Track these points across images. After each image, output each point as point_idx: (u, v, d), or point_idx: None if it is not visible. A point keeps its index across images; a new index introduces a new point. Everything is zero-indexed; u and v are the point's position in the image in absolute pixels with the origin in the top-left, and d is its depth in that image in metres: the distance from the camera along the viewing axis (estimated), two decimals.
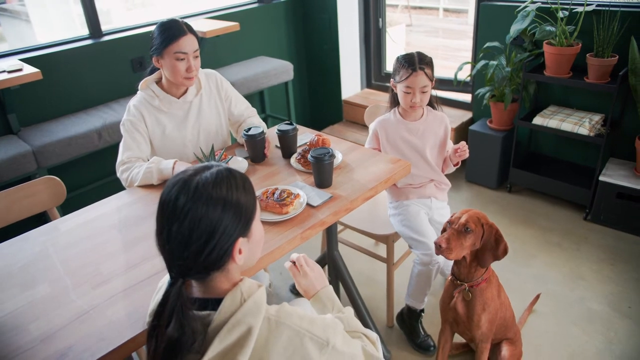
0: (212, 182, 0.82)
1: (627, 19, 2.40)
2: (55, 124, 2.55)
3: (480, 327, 1.52)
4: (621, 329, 1.98)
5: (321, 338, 0.86)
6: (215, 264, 0.83)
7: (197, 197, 0.80)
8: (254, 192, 0.90)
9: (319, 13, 3.63)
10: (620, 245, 2.47)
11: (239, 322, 0.80)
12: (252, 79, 3.16)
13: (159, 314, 0.81)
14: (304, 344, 0.84)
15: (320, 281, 1.13)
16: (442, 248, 1.40)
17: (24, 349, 1.04)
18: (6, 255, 1.38)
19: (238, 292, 0.83)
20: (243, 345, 0.78)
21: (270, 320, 0.83)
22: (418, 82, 1.77)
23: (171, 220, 0.81)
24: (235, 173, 0.87)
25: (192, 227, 0.80)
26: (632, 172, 2.53)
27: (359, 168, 1.70)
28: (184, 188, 0.81)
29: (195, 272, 0.84)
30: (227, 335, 0.79)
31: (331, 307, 1.09)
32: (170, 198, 0.82)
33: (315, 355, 0.84)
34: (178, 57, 1.66)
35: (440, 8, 5.98)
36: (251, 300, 0.82)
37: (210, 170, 0.84)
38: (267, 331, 0.82)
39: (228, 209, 0.82)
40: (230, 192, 0.83)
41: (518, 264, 2.37)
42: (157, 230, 0.84)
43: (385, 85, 3.85)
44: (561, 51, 2.47)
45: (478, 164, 3.02)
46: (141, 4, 4.29)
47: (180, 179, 0.83)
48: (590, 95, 2.70)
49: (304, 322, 0.86)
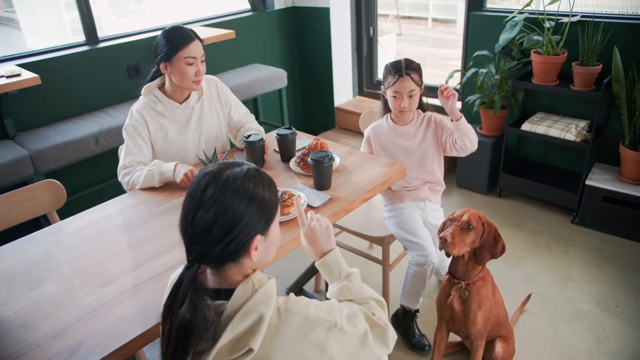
0: (242, 177, 0.86)
1: (609, 29, 2.50)
2: (51, 129, 2.56)
3: (476, 324, 1.57)
4: (609, 327, 2.05)
5: (328, 320, 0.89)
6: (231, 256, 0.87)
7: (225, 189, 0.84)
8: (277, 193, 0.93)
9: (312, 22, 3.70)
10: (606, 247, 2.55)
11: (251, 309, 0.83)
12: (247, 86, 3.20)
13: (173, 294, 0.85)
14: (313, 328, 0.87)
15: (327, 242, 1.11)
16: (447, 242, 1.45)
17: (35, 345, 1.06)
18: (11, 257, 1.39)
19: (250, 282, 0.87)
20: (255, 332, 0.82)
21: (280, 309, 0.87)
22: (405, 87, 1.84)
23: (197, 207, 0.85)
24: (263, 173, 0.92)
25: (217, 216, 0.84)
26: (617, 177, 2.62)
27: (356, 171, 1.75)
28: (214, 179, 0.86)
29: (211, 260, 0.87)
30: (239, 322, 0.82)
31: (338, 273, 1.09)
32: (200, 187, 0.86)
33: (323, 337, 0.88)
34: (188, 62, 1.70)
35: (429, 18, 6.10)
36: (262, 290, 0.86)
37: (241, 166, 0.89)
38: (277, 319, 0.86)
39: (253, 205, 0.86)
40: (257, 189, 0.87)
41: (509, 266, 2.44)
42: (182, 214, 0.88)
43: (377, 92, 3.93)
44: (548, 60, 2.56)
45: (469, 169, 3.09)
46: (132, 12, 4.31)
47: (211, 171, 0.88)
48: (576, 102, 2.80)
49: (310, 308, 0.90)
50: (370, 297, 1.07)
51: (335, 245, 1.14)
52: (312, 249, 1.12)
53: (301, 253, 2.56)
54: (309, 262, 2.15)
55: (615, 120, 2.68)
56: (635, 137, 2.50)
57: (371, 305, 1.05)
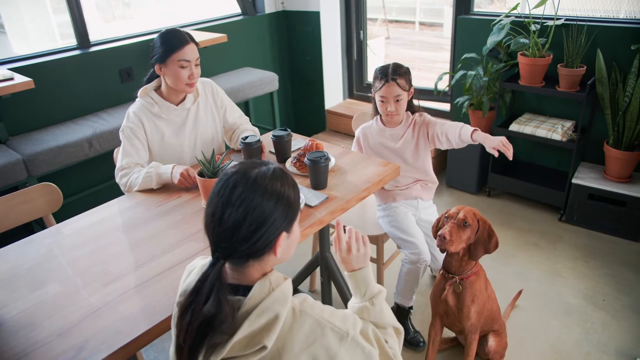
0: (270, 176, 0.89)
1: (593, 32, 2.58)
2: (44, 133, 2.56)
3: (470, 318, 1.61)
4: (597, 321, 2.11)
5: (341, 329, 0.90)
6: (257, 253, 0.89)
7: (254, 188, 0.86)
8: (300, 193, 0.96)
9: (302, 26, 3.74)
10: (592, 243, 2.62)
11: (267, 308, 0.85)
12: (239, 89, 3.23)
13: (196, 290, 0.86)
14: (325, 333, 0.88)
15: (360, 262, 1.12)
16: (446, 240, 1.49)
17: (41, 344, 1.08)
18: (11, 258, 1.40)
19: (267, 281, 0.89)
20: (270, 330, 0.84)
21: (295, 309, 0.89)
22: (391, 92, 1.88)
23: (225, 205, 0.87)
24: (288, 173, 0.94)
25: (246, 214, 0.86)
26: (602, 175, 2.69)
27: (351, 171, 1.78)
28: (242, 178, 0.88)
29: (237, 257, 0.89)
30: (256, 319, 0.84)
31: (364, 291, 1.10)
32: (228, 185, 0.88)
33: (335, 345, 0.89)
34: (182, 65, 1.72)
35: (416, 22, 6.19)
36: (279, 290, 0.88)
37: (267, 166, 0.91)
38: (291, 319, 0.88)
39: (280, 204, 0.88)
40: (284, 188, 0.89)
41: (499, 263, 2.49)
42: (208, 212, 0.90)
43: (367, 95, 3.98)
44: (534, 62, 2.63)
45: (458, 169, 3.15)
46: (120, 16, 4.30)
47: (240, 169, 0.89)
48: (562, 103, 2.87)
49: (325, 313, 0.91)
50: (389, 324, 1.08)
51: (369, 263, 1.14)
52: (344, 263, 1.14)
53: (296, 254, 2.59)
54: (305, 262, 2.18)
55: (599, 120, 2.76)
56: (619, 136, 2.58)
57: (387, 332, 1.06)
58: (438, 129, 1.93)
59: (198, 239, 1.43)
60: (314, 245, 2.35)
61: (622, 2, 2.79)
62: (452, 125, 1.90)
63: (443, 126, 1.92)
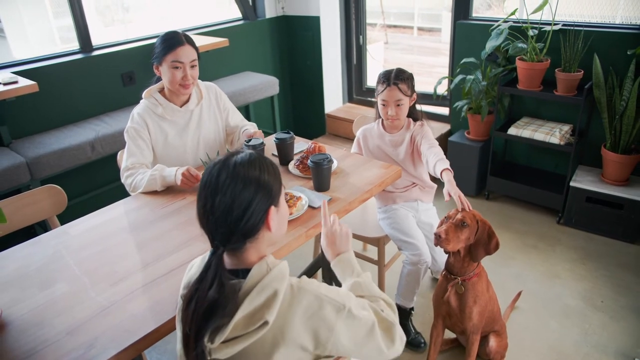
0: (248, 162, 0.95)
1: (589, 37, 2.62)
2: (47, 136, 2.57)
3: (472, 319, 1.63)
4: (595, 322, 2.13)
5: (338, 301, 0.95)
6: (252, 231, 0.95)
7: (235, 174, 0.93)
8: (280, 174, 1.02)
9: (302, 30, 3.77)
10: (590, 245, 2.65)
11: (266, 286, 0.91)
12: (240, 93, 3.25)
13: (201, 279, 0.92)
14: (323, 306, 0.93)
15: (344, 245, 1.19)
16: (441, 238, 1.52)
17: (51, 342, 1.09)
18: (19, 259, 1.42)
19: (264, 263, 0.95)
20: (270, 305, 0.89)
21: (293, 286, 0.94)
22: (392, 96, 1.91)
23: (214, 193, 0.93)
24: (264, 157, 1.01)
25: (234, 197, 0.92)
26: (599, 178, 2.73)
27: (353, 173, 1.81)
28: (224, 166, 0.95)
29: (235, 240, 0.94)
30: (256, 297, 0.89)
31: (350, 271, 1.16)
32: (213, 175, 0.94)
33: (333, 317, 0.93)
34: (175, 66, 1.76)
35: (415, 27, 6.24)
36: (277, 269, 0.94)
37: (244, 153, 0.99)
38: (290, 295, 0.93)
39: (261, 187, 0.95)
40: (263, 172, 0.96)
41: (499, 265, 2.52)
42: (200, 205, 0.96)
43: (366, 99, 4.01)
44: (532, 66, 2.67)
45: (457, 173, 3.14)
46: (120, 21, 4.33)
47: (220, 160, 0.97)
48: (560, 107, 2.91)
49: (321, 288, 0.96)
50: (380, 297, 1.12)
51: (351, 248, 1.21)
52: (330, 249, 1.20)
53: (302, 253, 2.61)
54: (305, 264, 2.20)
55: (596, 124, 2.79)
56: (616, 139, 2.61)
57: (380, 303, 1.10)
58: (423, 149, 1.94)
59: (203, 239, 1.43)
60: (315, 247, 2.37)
61: (618, 8, 2.84)
62: (434, 153, 1.87)
63: (428, 150, 1.91)
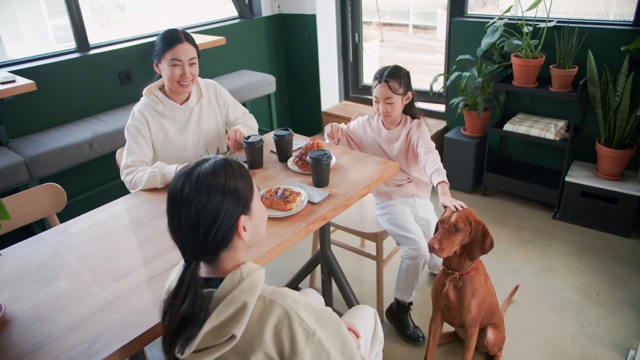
0: (211, 172, 0.91)
1: (583, 34, 2.64)
2: (45, 135, 2.57)
3: (470, 312, 1.65)
4: (591, 314, 2.16)
5: (309, 326, 0.90)
6: (223, 243, 0.92)
7: (199, 187, 0.89)
8: (250, 176, 0.98)
9: (299, 28, 3.78)
10: (586, 240, 2.68)
11: (235, 298, 0.88)
12: (236, 91, 3.26)
13: (174, 295, 0.90)
14: (293, 326, 0.89)
15: None
16: (435, 249, 1.54)
17: (56, 337, 1.10)
18: (20, 256, 1.42)
19: (238, 272, 0.91)
20: (238, 319, 0.86)
21: (265, 298, 0.90)
22: (382, 93, 1.94)
23: (180, 208, 0.90)
24: (232, 162, 0.96)
25: (198, 212, 0.89)
26: (594, 173, 2.75)
27: (352, 169, 1.82)
28: (187, 179, 0.91)
29: (206, 254, 0.92)
30: (223, 310, 0.87)
31: None
32: (177, 189, 0.91)
33: (301, 342, 0.89)
34: (173, 64, 1.77)
35: (410, 25, 6.25)
36: (248, 280, 0.90)
37: (209, 161, 0.94)
38: (261, 308, 0.89)
39: (227, 194, 0.91)
40: (228, 179, 0.92)
41: (495, 260, 2.54)
42: (168, 220, 0.93)
43: (362, 97, 4.03)
44: (527, 63, 2.69)
45: (453, 169, 3.20)
46: (115, 20, 4.32)
47: (184, 172, 0.93)
48: (555, 102, 2.94)
49: (297, 305, 0.91)
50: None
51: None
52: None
53: (296, 253, 2.62)
54: (304, 261, 2.21)
55: (591, 120, 2.82)
56: (610, 135, 2.64)
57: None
58: (420, 152, 1.94)
59: None
60: (314, 243, 2.38)
61: (612, 5, 2.87)
62: (431, 161, 1.88)
63: (425, 155, 1.91)
